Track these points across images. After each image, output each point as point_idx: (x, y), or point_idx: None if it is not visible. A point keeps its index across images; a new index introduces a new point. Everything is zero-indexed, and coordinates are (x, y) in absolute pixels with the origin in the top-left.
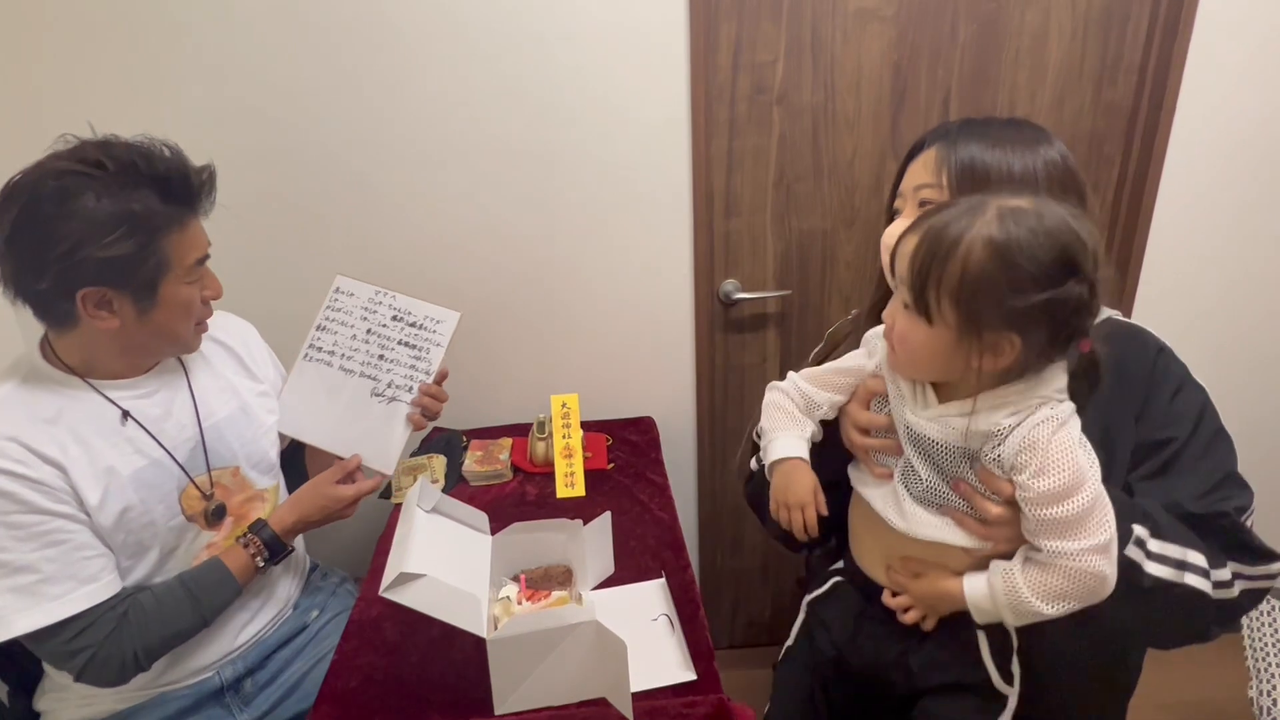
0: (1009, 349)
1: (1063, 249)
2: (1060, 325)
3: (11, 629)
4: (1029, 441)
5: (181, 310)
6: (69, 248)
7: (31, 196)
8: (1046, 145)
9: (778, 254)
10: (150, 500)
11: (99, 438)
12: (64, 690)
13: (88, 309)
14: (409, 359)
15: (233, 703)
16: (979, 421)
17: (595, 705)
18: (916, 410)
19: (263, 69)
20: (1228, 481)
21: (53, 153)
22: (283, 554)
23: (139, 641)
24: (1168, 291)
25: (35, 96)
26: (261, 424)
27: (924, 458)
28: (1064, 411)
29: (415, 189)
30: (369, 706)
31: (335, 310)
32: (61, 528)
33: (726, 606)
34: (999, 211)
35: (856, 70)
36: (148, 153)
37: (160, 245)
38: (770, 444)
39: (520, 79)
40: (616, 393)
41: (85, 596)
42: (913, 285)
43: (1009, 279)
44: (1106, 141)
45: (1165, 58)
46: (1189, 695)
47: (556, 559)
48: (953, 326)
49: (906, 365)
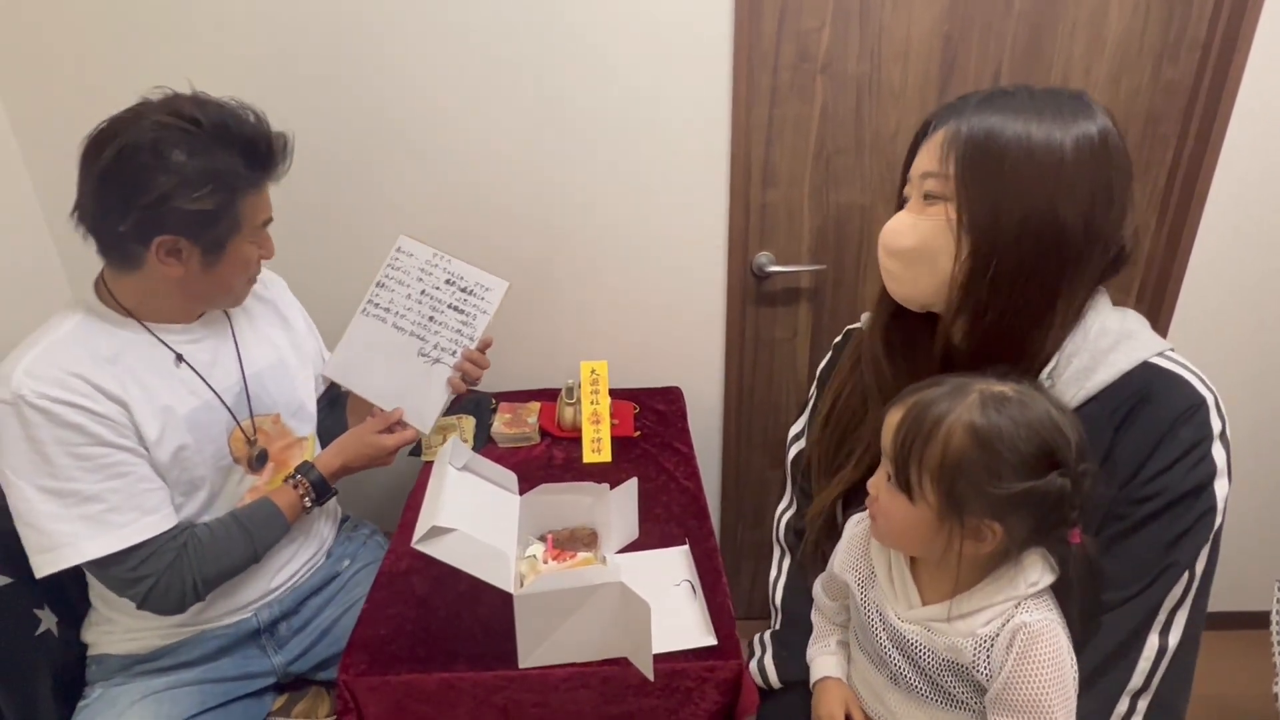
0: (991, 536)
1: (1043, 441)
2: (1043, 515)
3: (83, 554)
4: (1009, 657)
5: (241, 266)
6: (157, 197)
7: (129, 143)
8: (1086, 119)
9: (814, 228)
10: (202, 440)
11: (156, 377)
12: (110, 624)
13: (159, 255)
14: (456, 323)
15: (268, 644)
16: (956, 630)
17: (617, 664)
18: (898, 609)
19: (315, 28)
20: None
21: (146, 102)
22: (327, 495)
23: (197, 571)
24: (1215, 278)
25: (73, 47)
26: (298, 374)
27: (904, 655)
28: (1038, 621)
29: (457, 151)
30: (398, 655)
31: (395, 269)
32: (125, 460)
33: (746, 578)
34: (981, 397)
35: (905, 40)
36: (237, 115)
37: (237, 205)
38: (811, 662)
39: (563, 41)
40: (645, 362)
41: (148, 526)
42: (895, 460)
43: (989, 466)
44: (1163, 121)
45: (1232, 35)
46: (1206, 690)
47: (582, 521)
48: (934, 507)
49: (887, 537)
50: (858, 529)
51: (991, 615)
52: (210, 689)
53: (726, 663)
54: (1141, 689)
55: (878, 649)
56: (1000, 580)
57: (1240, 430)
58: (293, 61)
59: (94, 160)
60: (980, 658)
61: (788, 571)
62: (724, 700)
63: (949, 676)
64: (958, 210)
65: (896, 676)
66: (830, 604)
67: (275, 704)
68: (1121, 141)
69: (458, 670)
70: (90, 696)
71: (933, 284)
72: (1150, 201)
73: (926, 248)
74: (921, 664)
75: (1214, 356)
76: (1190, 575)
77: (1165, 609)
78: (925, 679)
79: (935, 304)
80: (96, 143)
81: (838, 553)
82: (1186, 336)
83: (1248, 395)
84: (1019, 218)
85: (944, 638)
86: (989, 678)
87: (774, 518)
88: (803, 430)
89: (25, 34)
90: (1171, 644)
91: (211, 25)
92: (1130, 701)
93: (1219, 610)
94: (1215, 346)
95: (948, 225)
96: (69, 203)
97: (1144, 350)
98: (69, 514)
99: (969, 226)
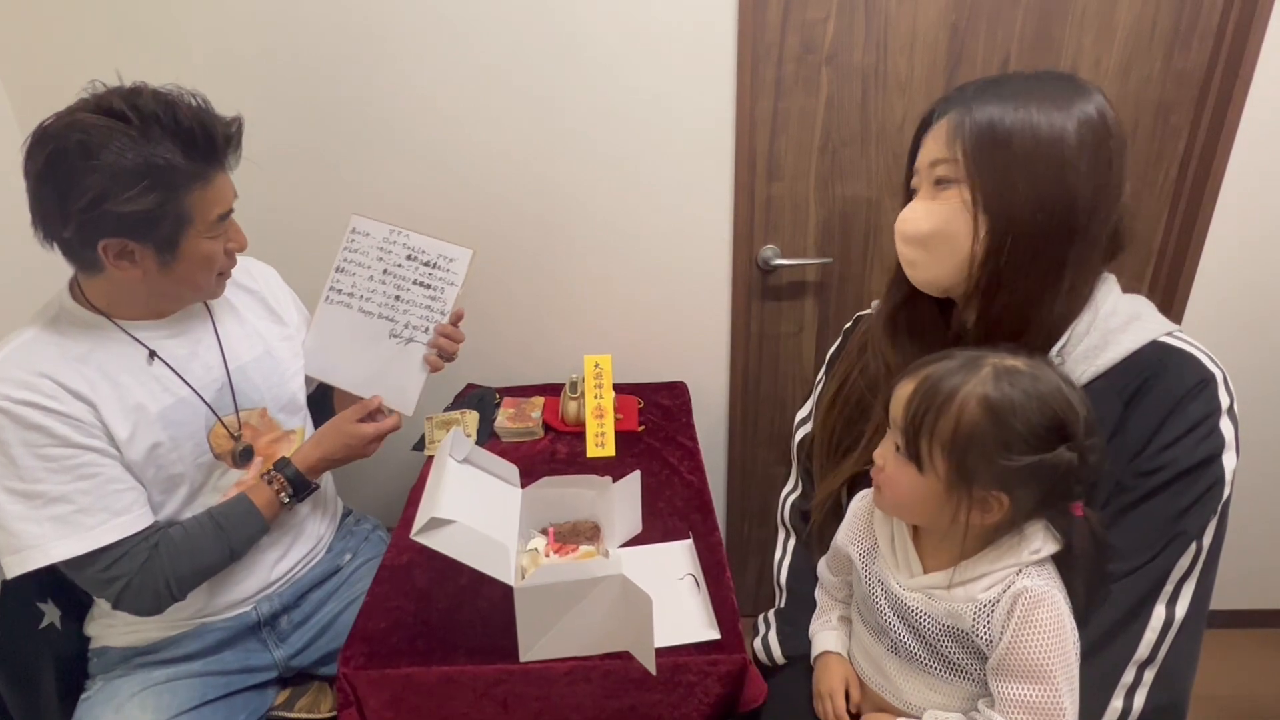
0: (997, 507)
1: (1054, 414)
2: (1050, 488)
3: (50, 555)
4: (1009, 622)
5: (203, 263)
6: (90, 200)
7: (57, 147)
8: (1082, 100)
9: (819, 220)
10: (179, 437)
11: (127, 375)
12: (111, 617)
13: (110, 259)
14: (424, 299)
15: (269, 638)
16: (956, 596)
17: (619, 658)
18: (900, 578)
19: (292, 16)
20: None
21: (80, 100)
22: (306, 490)
23: (171, 571)
24: (1228, 270)
25: (53, 42)
26: (288, 367)
27: (905, 624)
28: (1039, 587)
29: (455, 145)
30: (398, 648)
31: (352, 251)
32: (93, 461)
33: (751, 574)
34: (995, 370)
35: (911, 31)
36: (173, 104)
37: (182, 200)
38: (813, 637)
39: (565, 35)
40: (650, 356)
41: (118, 528)
42: (906, 431)
43: (1000, 438)
44: (1175, 111)
45: (1244, 23)
46: (1227, 690)
47: (585, 515)
48: (943, 478)
49: (892, 507)
50: (861, 503)
51: (992, 581)
52: (211, 682)
53: (729, 656)
54: (1148, 660)
55: (879, 619)
56: (1002, 548)
57: (1253, 423)
58: (292, 59)
59: (30, 166)
60: (980, 623)
61: (793, 551)
62: (726, 694)
63: (949, 643)
64: (972, 191)
65: (897, 645)
66: (833, 579)
67: (278, 698)
68: (1115, 114)
69: (458, 663)
70: (91, 689)
71: (954, 265)
72: (1162, 192)
73: (944, 230)
74: (922, 631)
75: (1228, 348)
76: (1198, 547)
77: (1173, 579)
78: (926, 647)
79: (957, 286)
80: (31, 148)
81: (842, 528)
82: (1199, 328)
83: (1261, 386)
84: (1033, 193)
85: (944, 604)
86: (989, 644)
87: (779, 500)
88: (809, 414)
89: (29, 32)
90: (1178, 616)
91: (208, 23)
92: (1136, 672)
93: (1241, 609)
94: (1228, 337)
95: (963, 207)
96: None
97: (1153, 330)
98: (37, 515)
99: (984, 204)
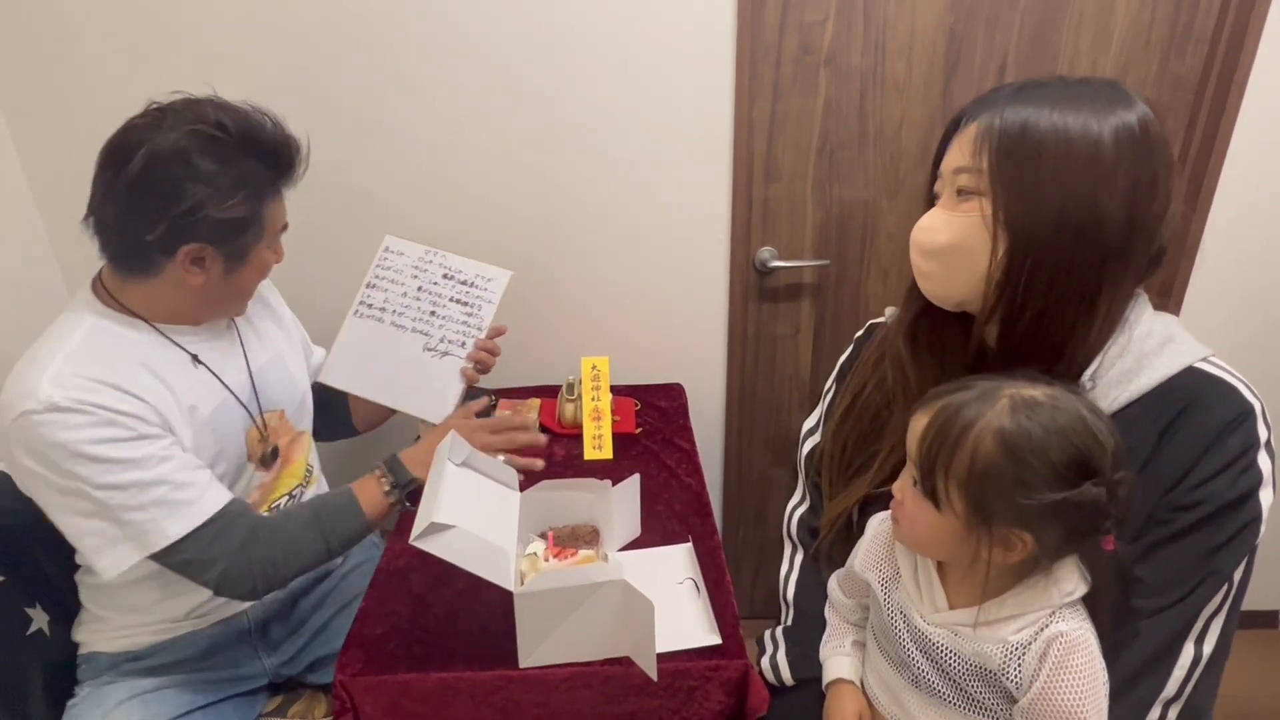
0: (1020, 546)
1: (1075, 450)
2: (1075, 525)
3: (167, 535)
4: (1043, 667)
5: (259, 272)
6: (191, 206)
7: (157, 151)
8: (1124, 108)
9: (817, 223)
10: (225, 440)
11: (178, 379)
12: (100, 622)
13: (184, 264)
14: (461, 315)
15: (259, 646)
16: (984, 636)
17: (619, 664)
18: (924, 610)
19: (290, 20)
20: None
21: (167, 107)
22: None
23: (265, 554)
24: (1222, 274)
25: (70, 51)
26: (296, 369)
27: (928, 658)
28: (1074, 631)
29: (452, 146)
30: (395, 654)
31: (385, 269)
32: (167, 448)
33: (748, 577)
34: (1011, 402)
35: (909, 33)
36: (258, 121)
37: (263, 212)
38: (825, 662)
39: (563, 36)
40: (647, 358)
41: (213, 500)
42: (921, 467)
43: (1017, 475)
44: (1170, 116)
45: (1240, 28)
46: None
47: (584, 518)
48: (961, 516)
49: (912, 543)
50: (881, 527)
51: (1024, 624)
52: (199, 689)
53: (731, 662)
54: (1174, 698)
55: (900, 651)
56: (1034, 589)
57: None
58: (290, 61)
59: (118, 169)
60: (1010, 665)
61: (800, 567)
62: (728, 700)
63: (975, 682)
64: (993, 205)
65: (918, 679)
66: (846, 601)
67: (270, 705)
68: (1162, 130)
69: (456, 670)
70: (79, 696)
71: (969, 282)
72: None
73: (962, 245)
74: (946, 668)
75: (1222, 355)
76: (1229, 585)
77: (1203, 618)
78: (949, 683)
79: (971, 303)
80: (119, 150)
81: (859, 550)
82: (1194, 332)
83: (1259, 391)
84: (1057, 211)
85: (971, 643)
86: (1018, 686)
87: (785, 512)
88: (817, 425)
89: (22, 38)
90: (1206, 653)
91: (204, 26)
92: (1162, 710)
93: (1241, 609)
94: (1222, 343)
95: (983, 221)
96: (65, 204)
97: (1189, 355)
98: (140, 501)
99: (1005, 222)
